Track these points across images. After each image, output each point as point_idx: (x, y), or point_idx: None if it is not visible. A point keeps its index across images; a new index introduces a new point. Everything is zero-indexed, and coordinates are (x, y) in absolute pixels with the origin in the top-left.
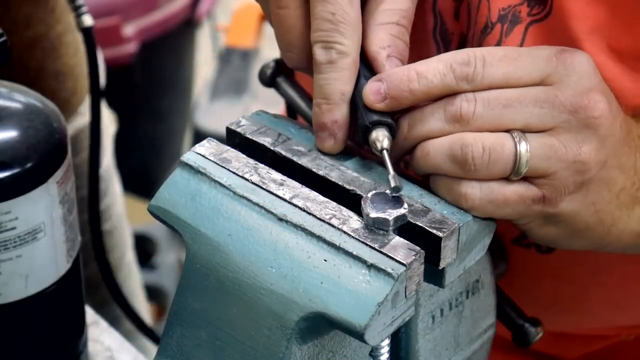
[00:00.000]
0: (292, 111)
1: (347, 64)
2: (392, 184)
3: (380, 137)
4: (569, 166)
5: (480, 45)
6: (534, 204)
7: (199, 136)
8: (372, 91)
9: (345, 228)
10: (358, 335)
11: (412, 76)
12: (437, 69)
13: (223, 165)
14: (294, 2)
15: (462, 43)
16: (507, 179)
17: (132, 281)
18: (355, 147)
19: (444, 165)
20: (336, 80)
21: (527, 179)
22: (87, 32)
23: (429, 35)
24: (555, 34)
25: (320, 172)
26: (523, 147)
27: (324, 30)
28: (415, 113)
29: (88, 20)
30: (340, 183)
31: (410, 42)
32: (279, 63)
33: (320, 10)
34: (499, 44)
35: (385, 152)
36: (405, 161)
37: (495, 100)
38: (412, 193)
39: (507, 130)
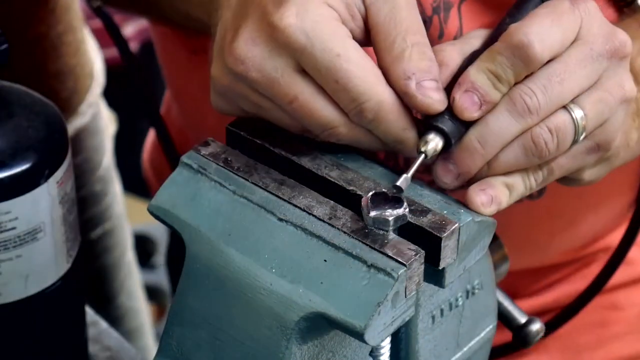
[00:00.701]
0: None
1: (386, 110)
2: (398, 183)
3: (431, 142)
4: (617, 109)
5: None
6: (589, 154)
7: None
8: (469, 105)
9: (345, 228)
10: (358, 335)
11: (491, 78)
12: (503, 63)
13: (223, 165)
14: (298, 88)
15: None
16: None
17: (132, 281)
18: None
19: (521, 161)
20: (389, 128)
21: None
22: (99, 11)
23: None
24: (487, 3)
25: (320, 172)
26: (579, 115)
27: (344, 100)
28: (482, 127)
29: None
30: (340, 183)
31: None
32: None
33: (328, 83)
34: (441, 32)
35: (422, 156)
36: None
37: (549, 82)
38: (412, 193)
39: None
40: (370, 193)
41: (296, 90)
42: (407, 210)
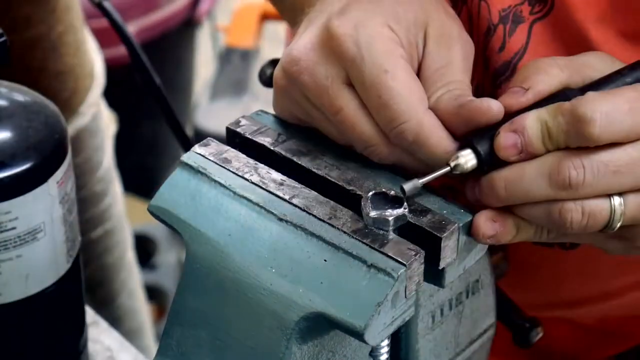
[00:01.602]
0: None
1: (427, 133)
2: (405, 185)
3: (461, 158)
4: None
5: (485, 49)
6: (611, 240)
7: (199, 136)
8: (509, 145)
9: (345, 228)
10: (358, 335)
11: (544, 131)
12: (561, 125)
13: (223, 165)
14: (344, 100)
15: None
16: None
17: (132, 281)
18: None
19: (538, 221)
20: (432, 150)
21: None
22: (101, 7)
23: None
24: (560, 28)
25: (320, 172)
26: (619, 211)
27: (384, 118)
28: (514, 174)
29: None
30: (340, 183)
31: None
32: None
33: (371, 98)
34: (503, 44)
35: (447, 168)
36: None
37: (604, 167)
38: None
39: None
40: (370, 193)
41: (342, 102)
42: (407, 210)
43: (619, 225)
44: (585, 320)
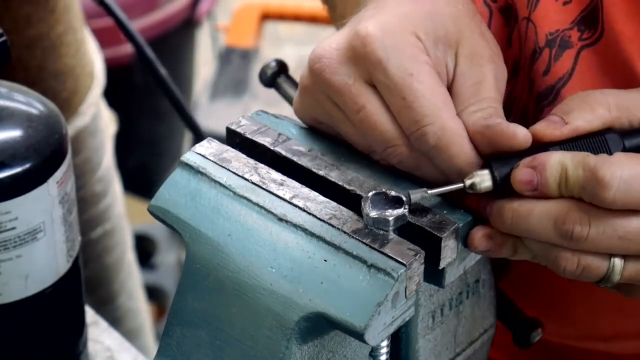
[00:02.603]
0: None
1: (449, 139)
2: (413, 197)
3: (477, 177)
4: None
5: (530, 70)
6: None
7: (199, 136)
8: (524, 181)
9: (345, 228)
10: (358, 335)
11: (562, 177)
12: (579, 178)
13: (223, 165)
14: (366, 98)
15: (515, 70)
16: None
17: (132, 281)
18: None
19: (535, 254)
20: (453, 159)
21: None
22: (102, 3)
23: None
24: (608, 57)
25: (320, 172)
26: (617, 271)
27: (407, 120)
28: (523, 209)
29: None
30: (340, 183)
31: None
32: (279, 63)
33: (394, 100)
34: (548, 68)
35: (461, 184)
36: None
37: (611, 229)
38: (415, 190)
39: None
40: (370, 193)
41: (364, 100)
42: (407, 210)
43: (615, 283)
44: (624, 352)
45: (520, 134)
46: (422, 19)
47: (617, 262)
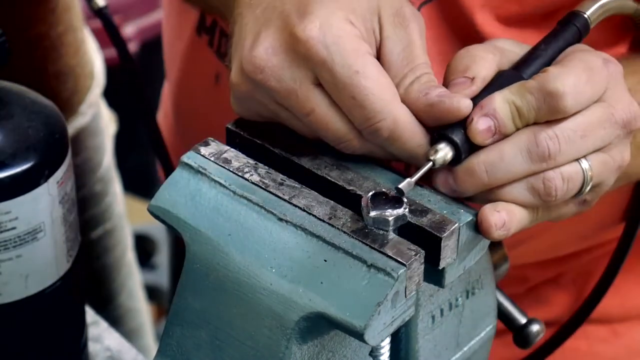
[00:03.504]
0: None
1: (402, 129)
2: (400, 185)
3: (440, 152)
4: (613, 174)
5: None
6: (577, 206)
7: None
8: (483, 129)
9: (345, 228)
10: (358, 335)
11: (513, 111)
12: (531, 103)
13: (223, 165)
14: (315, 101)
15: None
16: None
17: (132, 281)
18: None
19: (523, 199)
20: (406, 144)
21: None
22: (101, 13)
23: None
24: (448, 12)
25: (320, 172)
26: (588, 172)
27: (358, 118)
28: (493, 156)
29: (101, 0)
30: (340, 183)
31: None
32: None
33: (344, 99)
34: None
35: (430, 164)
36: None
37: (573, 134)
38: (412, 193)
39: None
40: (370, 193)
41: (313, 103)
42: (407, 210)
43: (588, 185)
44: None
45: (463, 106)
46: (347, 2)
47: (585, 164)
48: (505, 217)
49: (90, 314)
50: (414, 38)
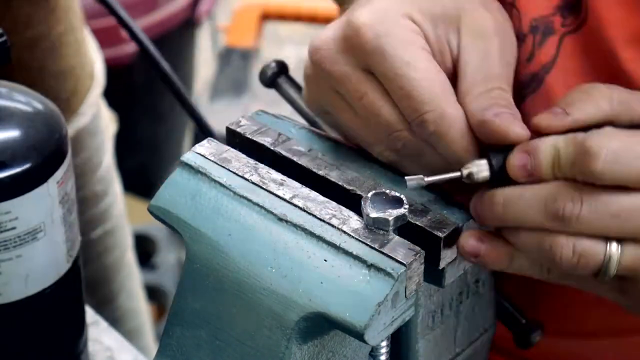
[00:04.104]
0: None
1: (448, 125)
2: (409, 182)
3: (474, 167)
4: None
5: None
6: (610, 290)
7: (199, 136)
8: (518, 165)
9: (345, 228)
10: (358, 335)
11: (555, 158)
12: (569, 155)
13: (223, 165)
14: (368, 85)
15: None
16: None
17: (132, 281)
18: (355, 146)
19: (530, 250)
20: (452, 145)
21: None
22: (104, 1)
23: None
24: (591, 43)
25: (320, 172)
26: (615, 257)
27: (407, 108)
28: (514, 193)
29: None
30: (340, 183)
31: None
32: (279, 63)
33: (393, 89)
34: (531, 55)
35: (458, 173)
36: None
37: (604, 206)
38: (412, 193)
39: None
40: (370, 193)
41: (366, 87)
42: (407, 210)
43: (613, 273)
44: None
45: (513, 133)
46: (416, 0)
47: (614, 246)
48: (483, 250)
49: (90, 314)
50: (492, 51)
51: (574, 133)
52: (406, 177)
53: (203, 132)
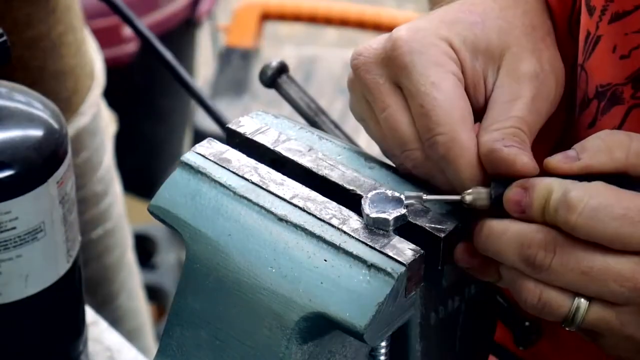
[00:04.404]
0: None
1: (458, 151)
2: (408, 198)
3: (475, 194)
4: (617, 339)
5: (577, 121)
6: (580, 333)
7: (199, 136)
8: (513, 200)
9: (345, 228)
10: (358, 335)
11: (540, 196)
12: (554, 201)
13: (223, 165)
14: (392, 99)
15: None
16: None
17: (132, 281)
18: (355, 146)
19: (506, 282)
20: (459, 172)
21: None
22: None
23: None
24: None
25: (321, 172)
26: (579, 315)
27: (422, 127)
28: (499, 228)
29: None
30: (340, 183)
31: None
32: (280, 64)
33: (414, 105)
34: (594, 121)
35: (458, 197)
36: None
37: (575, 262)
38: (412, 193)
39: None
40: (370, 193)
41: (390, 100)
42: (407, 210)
43: (577, 327)
44: None
45: (519, 163)
46: (462, 28)
47: (582, 303)
48: (472, 263)
49: (90, 314)
50: (523, 96)
51: (572, 180)
52: (405, 193)
53: (215, 119)
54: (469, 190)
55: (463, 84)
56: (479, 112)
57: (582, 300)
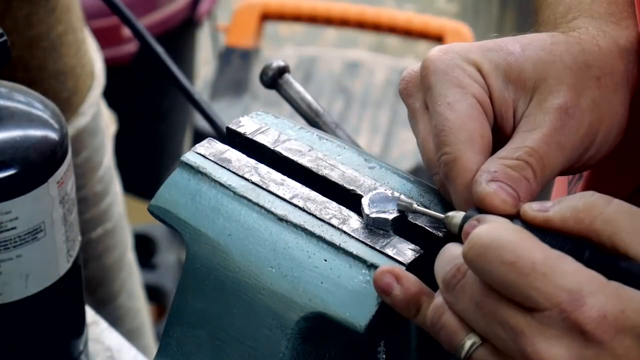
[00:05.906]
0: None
1: (458, 172)
2: (399, 204)
3: (456, 219)
4: None
5: None
6: None
7: (199, 136)
8: (465, 234)
9: (345, 228)
10: (358, 335)
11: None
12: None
13: (223, 165)
14: (423, 124)
15: None
16: None
17: (132, 281)
18: (355, 146)
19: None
20: (456, 192)
21: None
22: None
23: None
24: None
25: (321, 172)
26: (465, 350)
27: (435, 145)
28: (445, 250)
29: None
30: (340, 183)
31: None
32: (280, 64)
33: (433, 127)
34: None
35: (442, 216)
36: None
37: (472, 292)
38: (412, 193)
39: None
40: (370, 193)
41: (422, 125)
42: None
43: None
44: None
45: (489, 200)
46: (495, 56)
47: (470, 340)
48: (398, 291)
49: (90, 314)
50: (545, 125)
51: (541, 230)
52: (400, 197)
53: (211, 124)
54: (452, 213)
55: (489, 109)
56: (506, 142)
57: (475, 338)
